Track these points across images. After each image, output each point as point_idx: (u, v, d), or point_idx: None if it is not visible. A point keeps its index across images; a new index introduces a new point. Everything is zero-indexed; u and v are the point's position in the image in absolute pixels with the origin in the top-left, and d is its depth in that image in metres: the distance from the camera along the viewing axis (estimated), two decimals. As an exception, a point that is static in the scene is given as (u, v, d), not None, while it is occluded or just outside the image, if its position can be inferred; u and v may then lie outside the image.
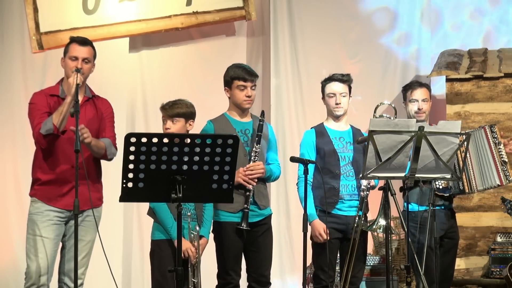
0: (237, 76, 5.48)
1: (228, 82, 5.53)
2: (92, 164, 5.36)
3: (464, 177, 5.95)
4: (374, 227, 5.50)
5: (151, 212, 5.33)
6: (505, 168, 5.96)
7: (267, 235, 5.51)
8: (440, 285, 6.12)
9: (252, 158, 5.41)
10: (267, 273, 5.50)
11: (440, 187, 6.02)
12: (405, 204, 5.48)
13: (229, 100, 5.59)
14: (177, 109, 5.40)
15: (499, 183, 5.97)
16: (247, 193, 5.37)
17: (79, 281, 5.25)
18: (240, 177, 5.33)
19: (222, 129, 5.42)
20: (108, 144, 5.35)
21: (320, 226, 5.58)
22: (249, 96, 5.48)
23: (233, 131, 5.44)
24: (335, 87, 5.72)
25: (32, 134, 5.27)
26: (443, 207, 6.09)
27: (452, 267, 6.22)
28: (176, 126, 5.37)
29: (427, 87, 6.33)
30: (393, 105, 5.94)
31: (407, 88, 6.30)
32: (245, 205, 5.35)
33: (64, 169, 5.26)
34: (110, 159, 5.43)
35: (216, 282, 5.46)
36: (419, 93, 6.19)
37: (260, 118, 5.48)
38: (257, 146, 5.42)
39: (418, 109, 6.15)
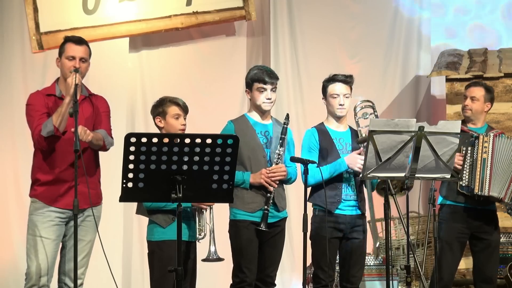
0: (257, 78, 5.49)
1: (249, 84, 5.54)
2: (91, 162, 5.35)
3: (478, 177, 5.94)
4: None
5: (143, 211, 5.27)
6: None
7: (280, 238, 5.51)
8: (478, 286, 6.15)
9: (275, 160, 5.41)
10: (273, 274, 5.50)
11: (463, 184, 6.02)
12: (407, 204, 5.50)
13: (249, 101, 5.60)
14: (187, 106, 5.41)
15: (502, 198, 5.99)
16: (268, 194, 5.37)
17: (79, 281, 5.23)
18: (262, 179, 5.34)
19: (242, 129, 5.41)
20: (104, 135, 5.34)
21: (355, 159, 5.55)
22: (269, 99, 5.49)
23: (252, 132, 5.45)
24: (338, 88, 5.69)
25: (32, 136, 5.24)
26: (464, 205, 6.10)
27: (488, 268, 6.18)
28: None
29: (486, 88, 6.30)
30: (371, 101, 5.89)
31: (466, 86, 6.40)
32: (265, 206, 5.34)
33: (63, 169, 5.25)
34: (107, 149, 5.41)
35: (228, 281, 5.45)
36: (470, 91, 6.27)
37: (284, 121, 5.49)
38: (280, 149, 5.42)
39: (464, 105, 6.24)
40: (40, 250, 5.20)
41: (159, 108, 5.34)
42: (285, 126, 5.48)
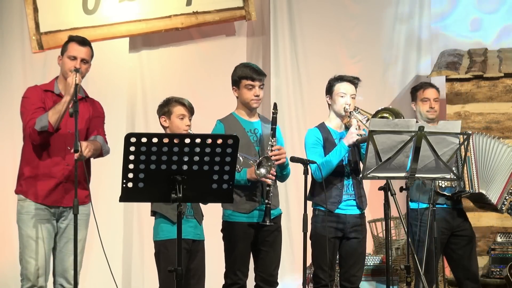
0: (245, 75, 5.46)
1: (236, 81, 5.50)
2: (82, 162, 5.33)
3: (466, 175, 5.98)
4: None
5: (155, 206, 5.24)
6: (507, 198, 6.04)
7: (277, 235, 5.47)
8: (464, 284, 6.16)
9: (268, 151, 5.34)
10: (275, 273, 5.47)
11: (443, 185, 6.06)
12: (409, 203, 5.50)
13: (237, 99, 5.57)
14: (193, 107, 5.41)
15: (494, 204, 6.08)
16: (267, 188, 5.30)
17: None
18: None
19: (232, 128, 5.39)
20: (102, 143, 5.35)
21: (350, 133, 5.52)
22: (257, 96, 5.46)
23: (242, 131, 5.41)
24: (346, 87, 5.69)
25: (23, 128, 5.21)
26: (445, 206, 6.14)
27: (472, 264, 6.25)
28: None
29: (437, 88, 6.44)
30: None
31: (418, 88, 6.42)
32: (266, 200, 5.27)
33: (53, 165, 5.23)
34: (104, 156, 5.41)
35: (222, 282, 5.43)
36: (431, 93, 6.32)
37: (273, 110, 5.43)
38: (273, 140, 5.35)
39: (430, 107, 6.27)
40: (35, 250, 5.17)
41: (165, 108, 5.36)
42: (274, 116, 5.42)
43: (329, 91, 5.76)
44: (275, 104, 5.49)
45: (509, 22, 8.34)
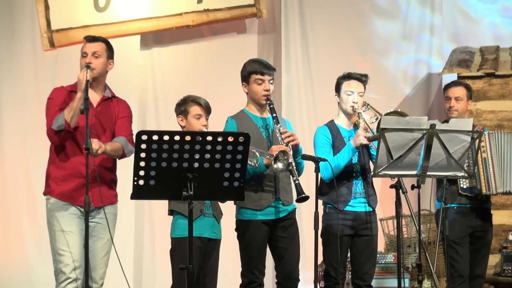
0: (254, 70, 5.42)
1: (246, 77, 5.47)
2: (107, 160, 5.34)
3: (482, 177, 5.94)
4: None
5: (173, 205, 5.24)
6: None
7: (293, 231, 5.42)
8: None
9: (279, 140, 5.27)
10: (295, 270, 5.39)
11: (465, 186, 6.04)
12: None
13: (247, 95, 5.55)
14: (210, 106, 5.39)
15: None
16: (289, 162, 5.18)
17: (100, 281, 5.23)
18: (274, 151, 5.15)
19: (244, 125, 5.37)
20: (124, 143, 5.31)
21: (357, 135, 5.50)
22: (267, 90, 5.44)
23: (254, 127, 5.39)
24: (353, 85, 5.67)
25: (46, 130, 5.24)
26: (468, 205, 6.14)
27: (479, 267, 6.27)
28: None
29: (466, 86, 6.36)
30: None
31: (445, 87, 6.40)
32: (294, 178, 5.18)
33: (77, 165, 5.21)
34: (127, 157, 5.39)
35: (237, 282, 5.41)
36: (452, 91, 6.29)
37: (268, 102, 5.36)
38: (278, 126, 5.31)
39: (450, 106, 6.23)
40: (68, 243, 5.14)
41: (182, 107, 5.35)
42: (271, 106, 5.37)
43: (337, 89, 5.75)
44: (268, 98, 5.40)
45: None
